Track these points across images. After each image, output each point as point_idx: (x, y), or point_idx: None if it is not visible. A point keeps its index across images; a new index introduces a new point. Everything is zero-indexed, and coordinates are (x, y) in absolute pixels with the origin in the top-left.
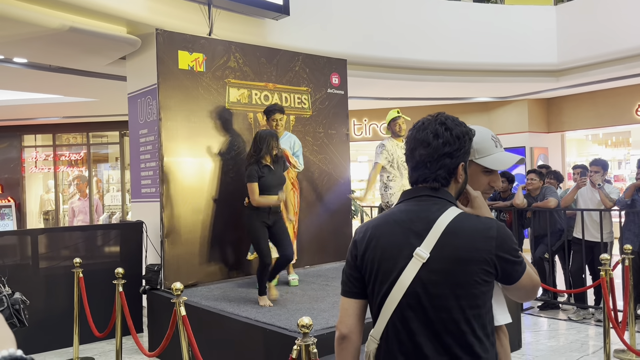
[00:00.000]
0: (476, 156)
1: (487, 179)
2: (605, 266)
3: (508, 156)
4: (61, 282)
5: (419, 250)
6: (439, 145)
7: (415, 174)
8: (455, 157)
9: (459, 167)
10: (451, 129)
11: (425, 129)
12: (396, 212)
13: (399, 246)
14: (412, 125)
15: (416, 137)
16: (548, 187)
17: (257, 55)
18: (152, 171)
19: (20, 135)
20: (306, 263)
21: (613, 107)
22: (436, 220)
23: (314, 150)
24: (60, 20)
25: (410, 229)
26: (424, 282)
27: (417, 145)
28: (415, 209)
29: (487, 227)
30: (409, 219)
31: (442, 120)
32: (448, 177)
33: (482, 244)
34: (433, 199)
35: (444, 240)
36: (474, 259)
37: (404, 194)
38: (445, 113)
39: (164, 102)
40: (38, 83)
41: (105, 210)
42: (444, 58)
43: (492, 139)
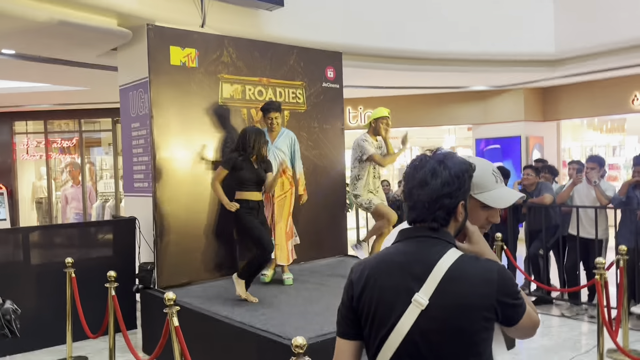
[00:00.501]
0: (475, 191)
1: (486, 214)
2: (600, 270)
3: (508, 193)
4: (53, 280)
5: (418, 297)
6: (438, 186)
7: (414, 213)
8: (454, 197)
9: (458, 206)
10: (450, 168)
11: (423, 167)
12: (394, 252)
13: (397, 290)
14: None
15: (414, 175)
16: (544, 183)
17: (250, 50)
18: (144, 165)
19: (11, 122)
20: (301, 259)
21: (609, 97)
22: (436, 264)
23: (308, 145)
24: (49, 14)
25: (409, 273)
26: (423, 330)
27: (415, 184)
28: (413, 251)
29: (488, 272)
30: (408, 261)
31: (440, 159)
32: (447, 217)
33: (483, 290)
34: (432, 239)
35: (444, 287)
36: (475, 305)
37: (402, 233)
38: (443, 149)
39: (155, 99)
40: (27, 72)
41: (98, 197)
42: (441, 48)
43: (492, 173)
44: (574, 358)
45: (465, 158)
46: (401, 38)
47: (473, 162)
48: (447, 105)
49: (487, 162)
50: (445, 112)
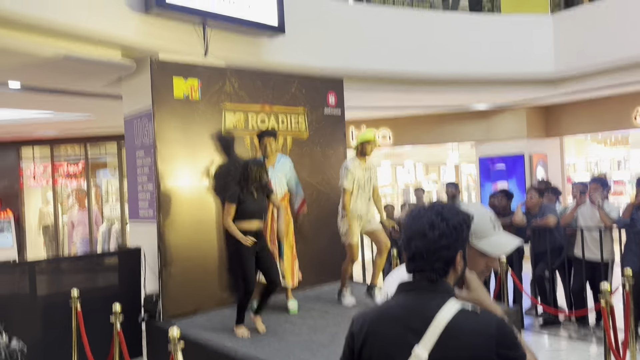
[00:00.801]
0: (473, 239)
1: (485, 260)
2: (605, 295)
3: (506, 240)
4: (59, 312)
5: (418, 351)
6: (435, 238)
7: (412, 264)
8: (452, 248)
9: (457, 256)
10: (447, 220)
11: (420, 218)
12: (394, 306)
13: (396, 344)
14: (410, 213)
15: (412, 226)
16: (548, 205)
17: (252, 79)
18: (149, 193)
19: (18, 148)
20: (305, 285)
21: (612, 114)
22: (434, 317)
23: (311, 171)
24: (54, 49)
25: (408, 327)
26: None
27: (413, 235)
28: (412, 304)
29: (487, 325)
30: (407, 315)
31: (438, 210)
32: (446, 267)
33: (482, 343)
34: (431, 292)
35: (443, 341)
36: (474, 359)
37: (402, 285)
38: (441, 202)
39: (159, 130)
40: (33, 103)
41: (104, 221)
42: (441, 69)
43: (490, 221)
44: None
45: (463, 207)
46: (401, 60)
47: (471, 210)
48: (450, 124)
49: (484, 209)
50: (448, 130)
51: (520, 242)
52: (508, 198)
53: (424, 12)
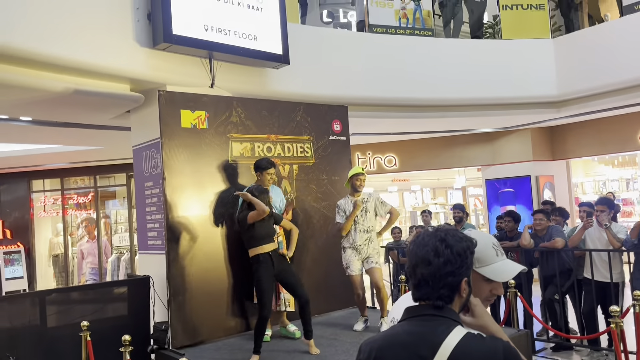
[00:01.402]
0: (477, 265)
1: (489, 286)
2: (615, 318)
3: (510, 266)
4: (69, 341)
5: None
6: (440, 265)
7: (418, 292)
8: (457, 274)
9: (462, 282)
10: (452, 246)
11: (425, 245)
12: (401, 333)
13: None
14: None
15: (417, 253)
16: (555, 227)
17: (258, 108)
18: (158, 223)
19: (29, 181)
20: (315, 312)
21: (617, 134)
22: (441, 344)
23: (317, 197)
24: (64, 84)
25: (416, 354)
26: None
27: (418, 262)
28: (419, 331)
29: (493, 352)
30: (414, 342)
31: (442, 237)
32: (451, 294)
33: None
34: (437, 318)
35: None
36: None
37: (408, 311)
38: (445, 227)
39: (167, 161)
40: (44, 136)
41: (113, 251)
42: (444, 95)
43: (492, 247)
44: None
45: (466, 233)
46: (404, 87)
47: (474, 236)
48: (456, 148)
49: (488, 235)
50: (454, 154)
51: (524, 268)
52: (515, 221)
53: (427, 39)
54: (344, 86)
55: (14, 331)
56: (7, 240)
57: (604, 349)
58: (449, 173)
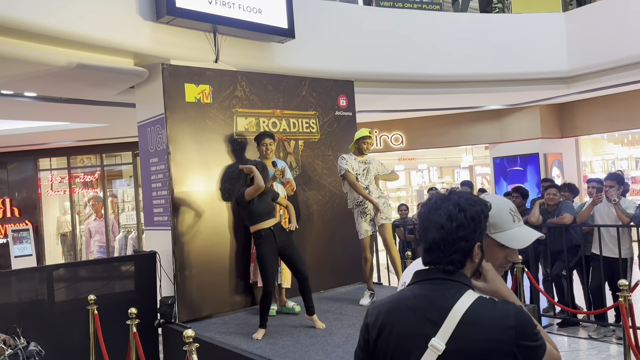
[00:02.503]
0: (492, 231)
1: (504, 253)
2: (624, 292)
3: (526, 232)
4: (77, 316)
5: (435, 342)
6: (453, 229)
7: (429, 256)
8: (470, 239)
9: (474, 247)
10: (465, 210)
11: (438, 208)
12: (410, 296)
13: (413, 337)
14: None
15: (429, 217)
16: (565, 202)
17: (263, 83)
18: (163, 200)
19: (36, 159)
20: (320, 288)
21: (627, 111)
22: (452, 308)
23: (323, 173)
24: (68, 58)
25: (425, 317)
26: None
27: (429, 226)
28: (429, 294)
29: (505, 316)
30: (424, 305)
31: (455, 201)
32: (463, 259)
33: (500, 335)
34: (448, 282)
35: (460, 332)
36: (493, 351)
37: (418, 275)
38: (458, 191)
39: (172, 135)
40: (49, 113)
41: (121, 229)
42: (452, 71)
43: (509, 212)
44: None
45: (482, 197)
46: (412, 63)
47: (490, 200)
48: (463, 125)
49: (505, 200)
50: (461, 131)
51: (541, 235)
52: (523, 196)
53: (435, 14)
54: (350, 61)
55: (22, 305)
56: (15, 219)
57: (610, 325)
58: (456, 152)
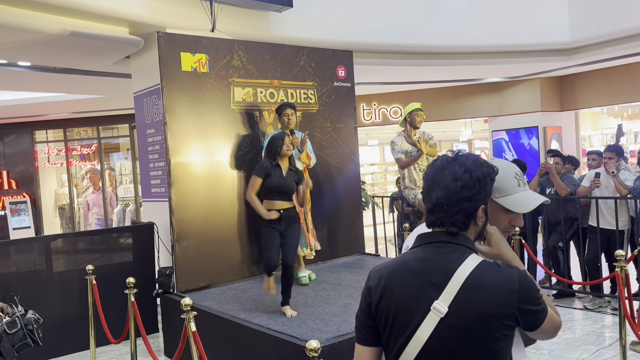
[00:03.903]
0: (496, 195)
1: (508, 217)
2: (620, 262)
3: (531, 197)
4: (75, 287)
5: (437, 304)
6: (458, 189)
7: (432, 217)
8: (474, 200)
9: (478, 210)
10: (471, 171)
11: (443, 168)
12: (412, 259)
13: (415, 299)
14: (432, 163)
15: (434, 177)
16: (568, 176)
17: (260, 52)
18: (160, 171)
19: (32, 131)
20: (318, 259)
21: (628, 83)
22: (455, 271)
23: (322, 145)
24: (61, 26)
25: (428, 280)
26: (442, 338)
27: (434, 186)
28: (432, 257)
29: (509, 279)
30: (427, 268)
31: (462, 162)
32: (467, 221)
33: (503, 299)
34: (451, 245)
35: (463, 295)
36: (495, 314)
37: (420, 238)
38: (465, 152)
39: (168, 105)
40: (44, 83)
41: (119, 202)
42: (452, 42)
43: (515, 176)
44: (596, 351)
45: (488, 161)
46: (412, 33)
47: (496, 164)
48: (462, 98)
49: (511, 164)
50: (460, 105)
51: (546, 200)
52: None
53: None
54: (349, 31)
55: (21, 275)
56: (13, 191)
57: (606, 296)
58: (455, 125)
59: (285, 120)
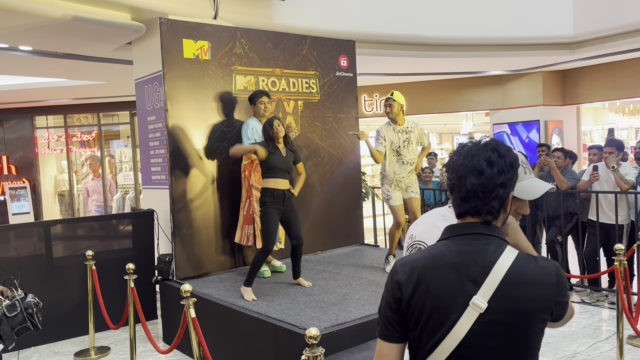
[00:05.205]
0: None
1: (515, 205)
2: (620, 256)
3: (538, 184)
4: (75, 272)
5: (476, 300)
6: (494, 174)
7: (466, 205)
8: (508, 186)
9: (509, 196)
10: (504, 156)
11: (475, 155)
12: (447, 252)
13: (453, 295)
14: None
15: (465, 164)
16: (569, 170)
17: (263, 40)
18: (161, 158)
19: (32, 117)
20: (317, 249)
21: (631, 78)
22: (494, 265)
23: (323, 135)
24: (63, 10)
25: (466, 274)
26: (480, 334)
27: (466, 172)
28: (469, 250)
29: (547, 273)
30: (464, 262)
31: (493, 147)
32: (500, 208)
33: (543, 293)
34: (486, 237)
35: (503, 290)
36: (535, 309)
37: (451, 229)
38: (493, 138)
39: (170, 92)
40: (45, 68)
41: (118, 189)
42: (455, 33)
43: (521, 164)
44: (593, 345)
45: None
46: (415, 24)
47: None
48: (464, 91)
49: (516, 152)
50: (462, 97)
51: (552, 187)
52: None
53: None
54: (352, 20)
55: (21, 260)
56: (13, 176)
57: (604, 289)
58: (456, 118)
59: (262, 108)
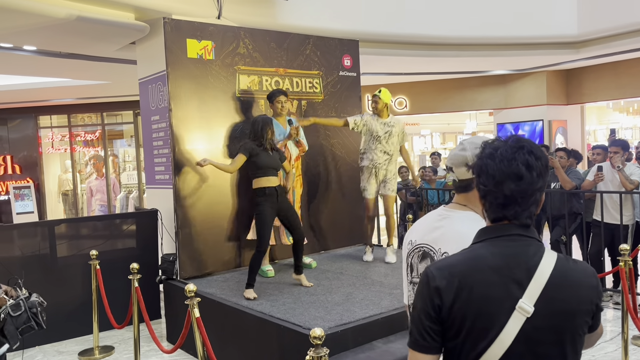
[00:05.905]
0: None
1: None
2: (625, 256)
3: None
4: (79, 271)
5: (523, 304)
6: (534, 179)
7: (504, 211)
8: (543, 189)
9: (542, 198)
10: (541, 158)
11: (511, 159)
12: (487, 255)
13: (498, 300)
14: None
15: (503, 169)
16: (573, 170)
17: (266, 40)
18: (165, 158)
19: (36, 116)
20: (321, 248)
21: (635, 78)
22: (537, 267)
23: (326, 134)
24: (67, 10)
25: (511, 278)
26: (528, 340)
27: (504, 178)
28: (510, 252)
29: (589, 275)
30: (507, 265)
31: (529, 149)
32: (536, 211)
33: (586, 295)
34: (525, 239)
35: (549, 292)
36: (580, 311)
37: (487, 231)
38: (524, 138)
39: (174, 92)
40: (49, 68)
41: (122, 189)
42: (459, 33)
43: None
44: (598, 345)
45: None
46: (419, 24)
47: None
48: (468, 90)
49: None
50: (465, 97)
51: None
52: None
53: None
54: (356, 20)
55: (25, 259)
56: (17, 176)
57: (609, 290)
58: (460, 117)
59: (279, 107)
